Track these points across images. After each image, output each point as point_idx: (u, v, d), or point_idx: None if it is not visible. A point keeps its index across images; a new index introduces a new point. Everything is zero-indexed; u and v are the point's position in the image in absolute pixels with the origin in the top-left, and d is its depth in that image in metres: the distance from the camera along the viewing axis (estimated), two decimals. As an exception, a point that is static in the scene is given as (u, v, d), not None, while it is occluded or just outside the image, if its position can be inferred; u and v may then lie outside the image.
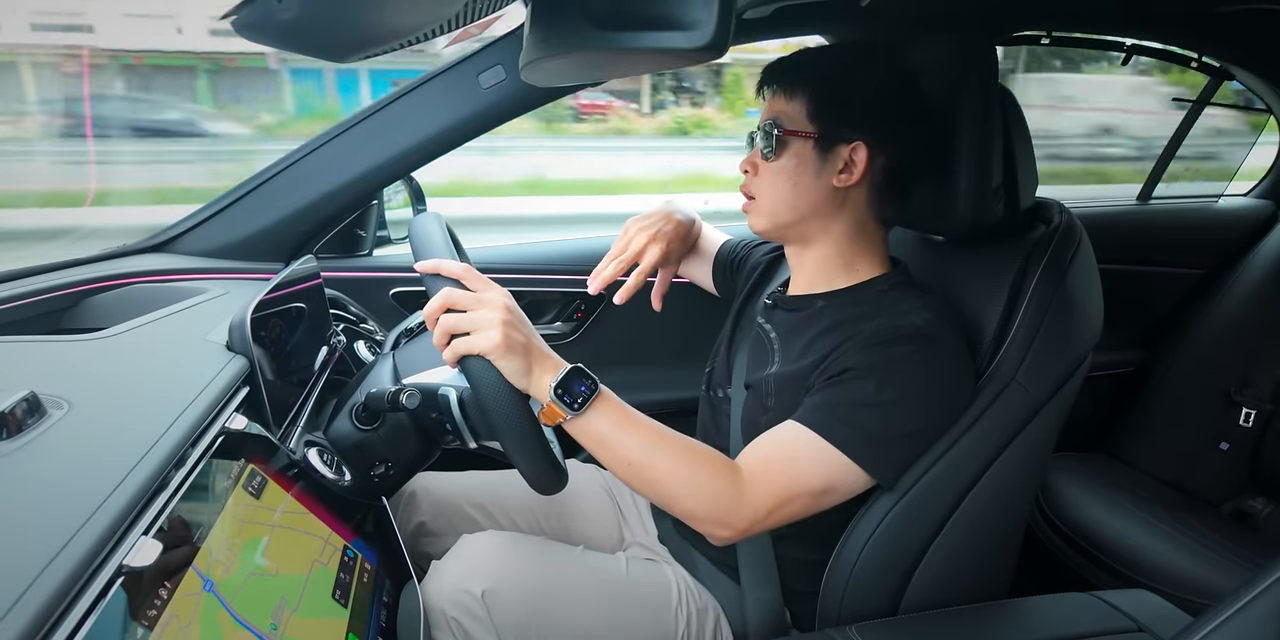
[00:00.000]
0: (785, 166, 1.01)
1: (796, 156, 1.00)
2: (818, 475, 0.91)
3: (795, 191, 1.01)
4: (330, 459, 0.93)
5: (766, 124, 1.02)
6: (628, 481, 0.91)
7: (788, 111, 1.01)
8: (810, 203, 1.01)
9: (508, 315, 0.85)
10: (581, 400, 0.86)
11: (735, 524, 0.90)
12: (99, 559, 0.52)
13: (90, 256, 1.35)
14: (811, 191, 1.01)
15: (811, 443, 0.91)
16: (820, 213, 1.02)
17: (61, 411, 0.68)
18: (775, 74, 1.04)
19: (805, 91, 1.00)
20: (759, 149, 1.03)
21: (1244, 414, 1.77)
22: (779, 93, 1.03)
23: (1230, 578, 1.43)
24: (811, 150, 1.00)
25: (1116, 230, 2.01)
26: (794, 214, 1.02)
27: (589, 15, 0.63)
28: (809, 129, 1.00)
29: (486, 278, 0.90)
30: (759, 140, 1.03)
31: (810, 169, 1.00)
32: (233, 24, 0.62)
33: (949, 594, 1.03)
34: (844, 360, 0.94)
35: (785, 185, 1.01)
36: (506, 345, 0.83)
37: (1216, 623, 0.63)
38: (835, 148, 0.99)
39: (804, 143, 1.00)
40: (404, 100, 1.41)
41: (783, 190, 1.02)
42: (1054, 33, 1.67)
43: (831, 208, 1.02)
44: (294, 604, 0.70)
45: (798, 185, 1.01)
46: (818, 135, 0.99)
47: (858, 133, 0.99)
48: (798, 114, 1.00)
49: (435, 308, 0.86)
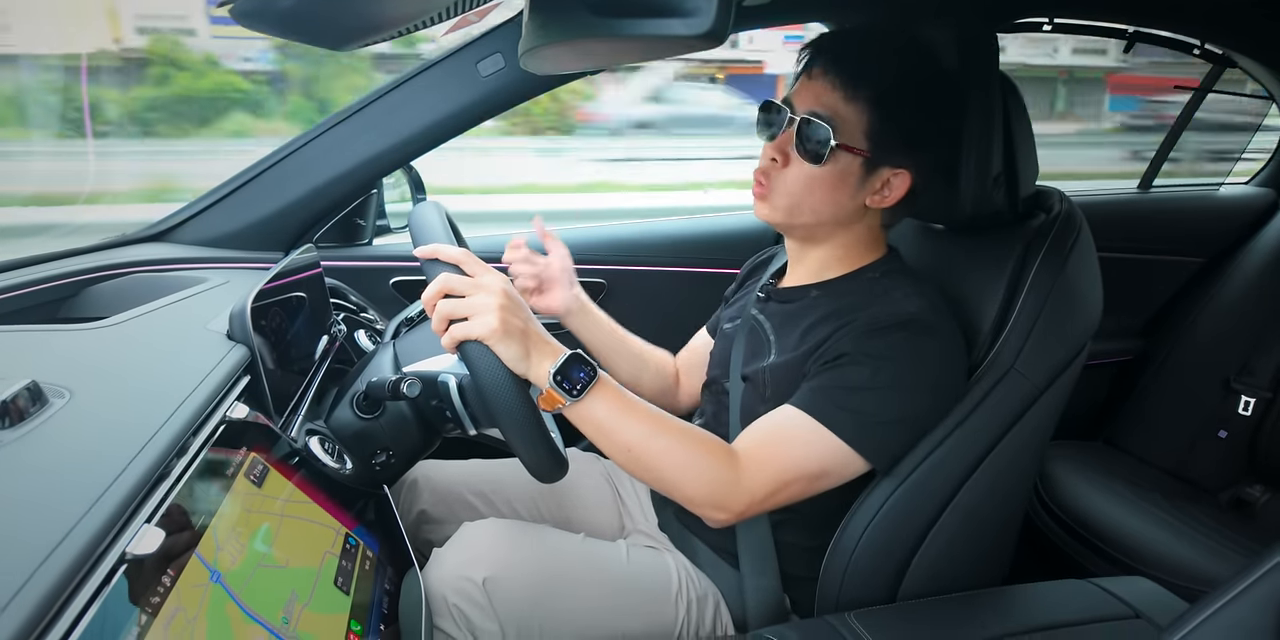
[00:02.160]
0: (825, 176, 0.96)
1: (841, 171, 0.96)
2: (813, 458, 0.92)
3: (827, 202, 0.98)
4: (331, 447, 0.93)
5: (816, 120, 0.94)
6: (626, 467, 0.91)
7: (844, 115, 0.94)
8: (835, 213, 1.00)
9: (505, 300, 0.84)
10: (580, 386, 0.86)
11: (732, 507, 0.91)
12: (101, 547, 0.53)
13: (90, 246, 1.35)
14: (844, 205, 0.99)
15: (806, 426, 0.92)
16: (838, 223, 1.01)
17: (63, 400, 0.68)
18: (836, 59, 0.95)
19: (869, 98, 0.93)
20: (793, 141, 0.96)
21: (1243, 402, 1.77)
22: (839, 86, 0.94)
23: (1227, 565, 1.44)
24: (858, 167, 0.96)
25: (1117, 218, 2.01)
26: (814, 218, 1.00)
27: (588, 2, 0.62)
28: (862, 146, 0.95)
29: (485, 263, 0.89)
30: (799, 132, 0.95)
31: (850, 187, 0.97)
32: (231, 12, 0.62)
33: (947, 581, 1.03)
34: (839, 346, 0.94)
35: (819, 194, 0.97)
36: (504, 330, 0.83)
37: (1213, 609, 0.63)
38: (880, 170, 0.97)
39: (853, 159, 0.95)
40: (403, 88, 1.40)
41: (814, 197, 0.97)
42: (1055, 20, 1.66)
43: (852, 219, 1.01)
44: (305, 597, 0.69)
45: (829, 199, 0.98)
46: (869, 155, 0.95)
47: (906, 158, 0.96)
48: (854, 122, 0.94)
49: (433, 293, 0.85)
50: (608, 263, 1.67)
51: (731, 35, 0.65)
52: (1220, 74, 1.96)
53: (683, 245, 1.74)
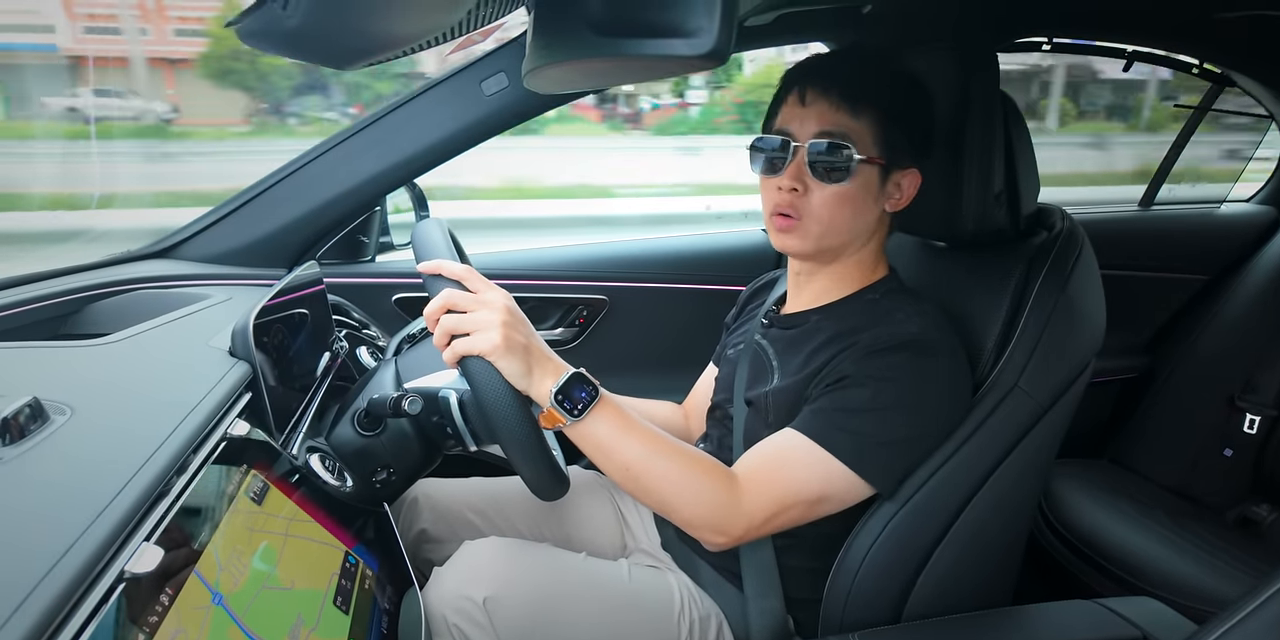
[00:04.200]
0: (850, 192, 0.96)
1: (864, 184, 0.96)
2: (813, 481, 0.91)
3: (854, 218, 0.98)
4: (332, 465, 0.93)
5: (832, 141, 0.94)
6: (625, 487, 0.91)
7: (857, 130, 0.94)
8: (860, 228, 1.00)
9: (508, 316, 0.85)
10: (582, 406, 0.86)
11: (730, 531, 0.90)
12: (100, 565, 0.52)
13: (93, 262, 1.35)
14: (867, 217, 0.99)
15: (806, 448, 0.91)
16: (862, 235, 1.02)
17: (64, 417, 0.68)
18: (833, 81, 0.96)
19: (875, 110, 0.94)
20: (808, 166, 0.95)
21: (1248, 420, 1.76)
22: (843, 105, 0.94)
23: (1235, 585, 1.43)
24: (876, 176, 0.97)
25: (1119, 236, 2.01)
26: (843, 239, 1.00)
27: (591, 23, 0.63)
28: (878, 154, 0.95)
29: (488, 279, 0.89)
30: (814, 156, 0.95)
31: (872, 195, 0.98)
32: (237, 32, 0.62)
33: (952, 601, 1.02)
34: (841, 368, 0.94)
35: (847, 212, 0.97)
36: (506, 346, 0.83)
37: (1222, 631, 0.63)
38: (893, 174, 0.98)
39: (872, 169, 0.96)
40: (407, 107, 1.41)
41: (842, 215, 0.97)
42: (1055, 39, 1.67)
43: (872, 229, 1.02)
44: (312, 622, 0.68)
45: (858, 212, 0.98)
46: (884, 162, 0.96)
47: (914, 159, 0.98)
48: (865, 135, 0.95)
49: (435, 308, 0.86)
50: (610, 280, 1.67)
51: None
52: (1219, 93, 1.97)
53: (685, 262, 1.74)
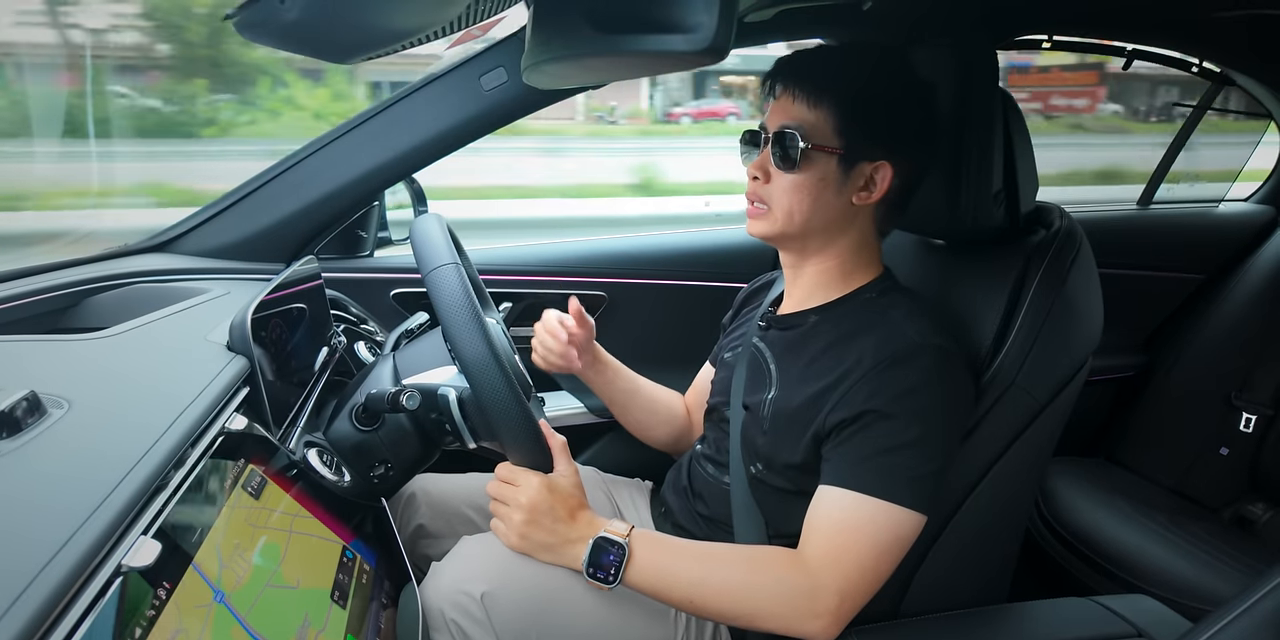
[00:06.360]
0: (806, 181, 0.98)
1: (820, 172, 0.97)
2: (883, 534, 0.90)
3: (813, 207, 0.99)
4: (330, 460, 0.93)
5: (787, 132, 0.97)
6: (699, 616, 0.94)
7: (811, 121, 0.97)
8: (824, 218, 1.00)
9: (530, 515, 0.93)
10: (615, 570, 0.90)
11: (824, 612, 0.89)
12: (98, 559, 0.52)
13: (91, 256, 1.35)
14: (829, 208, 0.99)
15: (864, 506, 0.90)
16: (830, 228, 1.02)
17: (61, 411, 0.68)
18: (796, 76, 0.99)
19: (832, 102, 0.96)
20: (772, 155, 0.99)
21: (1244, 419, 1.76)
22: (800, 98, 0.98)
23: (1230, 583, 1.43)
24: (835, 166, 0.97)
25: (1117, 234, 2.01)
26: (804, 227, 1.01)
27: (591, 18, 0.63)
28: (835, 145, 0.97)
29: (559, 452, 0.98)
30: (773, 147, 0.98)
31: (832, 186, 0.98)
32: (235, 24, 0.62)
33: (949, 598, 1.03)
34: (855, 401, 0.92)
35: (804, 199, 0.98)
36: (521, 543, 0.94)
37: (1216, 628, 0.63)
38: (859, 165, 0.98)
39: (829, 158, 0.97)
40: (406, 102, 1.41)
41: (800, 204, 0.99)
42: (1054, 37, 1.67)
43: (842, 223, 1.02)
44: (320, 623, 0.67)
45: (817, 200, 0.98)
46: (843, 151, 0.97)
47: (883, 152, 0.97)
48: (823, 126, 0.97)
49: (490, 490, 0.98)
50: (609, 276, 1.67)
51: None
52: (1219, 92, 1.97)
53: (684, 259, 1.74)
